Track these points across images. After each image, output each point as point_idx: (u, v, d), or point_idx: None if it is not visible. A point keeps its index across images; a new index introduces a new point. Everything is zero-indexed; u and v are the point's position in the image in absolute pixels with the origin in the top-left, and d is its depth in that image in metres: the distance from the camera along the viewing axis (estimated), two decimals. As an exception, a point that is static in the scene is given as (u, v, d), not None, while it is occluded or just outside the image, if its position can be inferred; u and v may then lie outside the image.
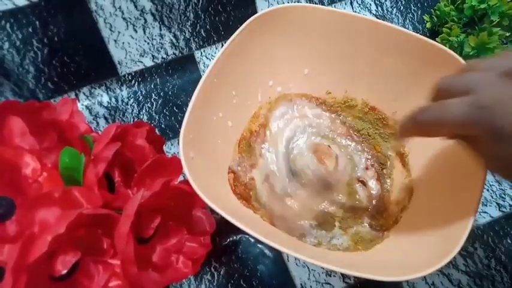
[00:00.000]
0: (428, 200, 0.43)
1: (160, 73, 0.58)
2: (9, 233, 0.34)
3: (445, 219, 0.37)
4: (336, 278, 0.49)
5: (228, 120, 0.47)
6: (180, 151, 0.37)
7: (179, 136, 0.38)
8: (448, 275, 0.49)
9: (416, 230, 0.41)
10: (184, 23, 0.57)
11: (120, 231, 0.34)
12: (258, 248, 0.50)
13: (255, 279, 0.49)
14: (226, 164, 0.47)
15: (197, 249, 0.43)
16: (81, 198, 0.35)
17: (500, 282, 0.49)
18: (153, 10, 0.56)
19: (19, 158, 0.35)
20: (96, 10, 0.54)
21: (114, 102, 0.56)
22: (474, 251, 0.50)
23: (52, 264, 0.34)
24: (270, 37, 0.47)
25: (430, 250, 0.36)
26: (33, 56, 0.54)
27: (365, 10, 0.60)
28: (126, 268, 0.35)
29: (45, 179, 0.36)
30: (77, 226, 0.34)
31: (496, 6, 0.51)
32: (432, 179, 0.44)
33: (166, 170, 0.41)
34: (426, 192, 0.44)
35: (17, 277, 0.30)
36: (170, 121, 0.56)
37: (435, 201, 0.42)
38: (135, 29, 0.56)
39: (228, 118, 0.47)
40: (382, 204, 0.47)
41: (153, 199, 0.36)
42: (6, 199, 0.36)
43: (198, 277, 0.49)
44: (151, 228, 0.39)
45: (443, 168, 0.43)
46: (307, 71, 0.50)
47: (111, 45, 0.56)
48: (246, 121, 0.50)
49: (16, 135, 0.37)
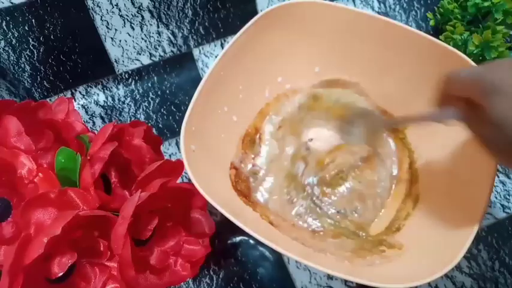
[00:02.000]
0: (433, 208, 0.43)
1: (157, 71, 0.57)
2: (5, 235, 0.34)
3: (449, 226, 0.37)
4: (338, 282, 0.48)
5: (233, 115, 0.47)
6: (181, 142, 0.37)
7: (178, 134, 0.38)
8: (452, 277, 0.48)
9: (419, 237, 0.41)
10: (182, 20, 0.57)
11: (117, 233, 0.34)
12: (258, 251, 0.49)
13: (255, 283, 0.48)
14: (229, 159, 0.47)
15: (196, 251, 0.42)
16: (77, 199, 0.34)
17: (504, 284, 0.48)
18: (150, 7, 0.55)
19: (15, 159, 0.35)
20: (92, 7, 0.53)
21: (110, 101, 0.56)
22: (478, 253, 0.49)
23: (48, 266, 0.33)
24: (280, 33, 0.46)
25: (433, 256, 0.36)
26: (29, 55, 0.53)
27: (367, 7, 0.60)
28: (123, 270, 0.35)
29: (41, 180, 0.35)
30: (73, 228, 0.33)
31: (500, 4, 0.50)
32: (438, 187, 0.44)
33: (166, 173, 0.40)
34: (431, 200, 0.44)
35: (13, 279, 0.30)
36: (168, 120, 0.56)
37: (440, 209, 0.41)
38: (132, 27, 0.56)
39: (233, 113, 0.47)
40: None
41: (151, 200, 0.36)
42: (2, 200, 0.36)
43: (197, 280, 0.48)
44: (149, 230, 0.39)
45: (450, 175, 0.42)
46: (318, 69, 0.50)
47: (107, 43, 0.56)
48: (251, 117, 0.49)
49: (12, 135, 0.36)
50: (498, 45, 0.49)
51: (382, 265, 0.40)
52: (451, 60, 0.40)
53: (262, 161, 0.49)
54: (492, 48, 0.49)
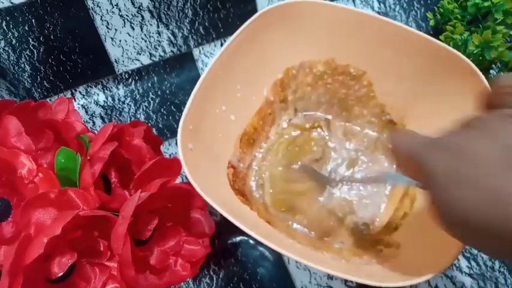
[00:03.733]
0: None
1: (157, 71, 0.57)
2: (6, 235, 0.34)
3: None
4: (338, 282, 0.48)
5: (231, 114, 0.47)
6: (178, 141, 0.37)
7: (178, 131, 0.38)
8: (452, 277, 0.48)
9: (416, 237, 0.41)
10: (182, 20, 0.57)
11: (116, 233, 0.34)
12: (258, 251, 0.49)
13: (255, 283, 0.48)
14: (226, 158, 0.47)
15: (196, 251, 0.42)
16: (77, 199, 0.34)
17: (504, 284, 0.48)
18: (150, 7, 0.55)
19: (15, 158, 0.35)
20: (92, 7, 0.53)
21: (110, 101, 0.56)
22: (478, 252, 0.49)
23: (48, 266, 0.33)
24: (279, 32, 0.46)
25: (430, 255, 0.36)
26: (29, 55, 0.53)
27: (367, 7, 0.60)
28: (123, 270, 0.35)
29: (41, 180, 0.35)
30: (73, 228, 0.33)
31: (500, 4, 0.50)
32: None
33: (164, 171, 0.40)
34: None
35: (13, 279, 0.30)
36: (168, 121, 0.56)
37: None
38: (132, 27, 0.56)
39: (231, 112, 0.46)
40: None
41: (151, 200, 0.36)
42: (2, 200, 0.36)
43: (197, 280, 0.48)
44: (149, 230, 0.39)
45: None
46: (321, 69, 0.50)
47: (107, 43, 0.56)
48: (250, 116, 0.49)
49: (12, 135, 0.36)
50: (498, 45, 0.49)
51: (379, 264, 0.40)
52: (450, 60, 0.40)
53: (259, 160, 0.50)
54: (492, 48, 0.49)
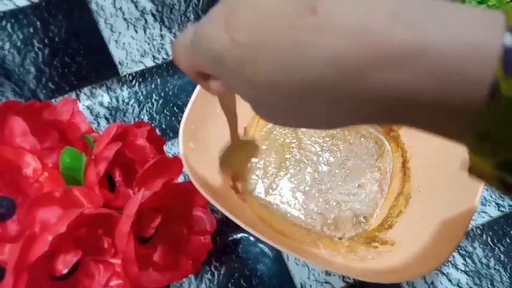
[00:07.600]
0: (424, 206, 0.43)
1: (161, 73, 0.58)
2: (10, 233, 0.34)
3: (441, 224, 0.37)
4: (336, 278, 0.49)
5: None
6: (180, 140, 0.37)
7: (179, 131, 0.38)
8: (448, 274, 0.49)
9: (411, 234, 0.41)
10: (184, 24, 0.58)
11: (120, 230, 0.34)
12: (258, 248, 0.50)
13: (255, 279, 0.49)
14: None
15: (198, 248, 0.43)
16: (82, 198, 0.35)
17: (499, 281, 0.49)
18: (153, 11, 0.56)
19: (20, 158, 0.35)
20: (96, 11, 0.54)
21: (114, 103, 0.56)
22: (473, 250, 0.50)
23: (53, 263, 0.34)
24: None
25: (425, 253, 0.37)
26: (34, 57, 0.54)
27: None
28: (127, 267, 0.35)
29: (46, 179, 0.36)
30: (77, 226, 0.34)
31: (495, 6, 0.50)
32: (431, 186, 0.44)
33: (167, 170, 0.41)
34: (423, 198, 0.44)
35: (17, 276, 0.30)
36: (171, 121, 0.56)
37: (432, 207, 0.42)
38: (135, 30, 0.57)
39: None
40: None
41: (154, 199, 0.36)
42: (7, 199, 0.36)
43: (199, 276, 0.49)
44: (152, 228, 0.39)
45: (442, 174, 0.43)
46: None
47: (111, 46, 0.56)
48: (250, 116, 0.50)
49: (17, 135, 0.37)
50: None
51: (375, 260, 0.40)
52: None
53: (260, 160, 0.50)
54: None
